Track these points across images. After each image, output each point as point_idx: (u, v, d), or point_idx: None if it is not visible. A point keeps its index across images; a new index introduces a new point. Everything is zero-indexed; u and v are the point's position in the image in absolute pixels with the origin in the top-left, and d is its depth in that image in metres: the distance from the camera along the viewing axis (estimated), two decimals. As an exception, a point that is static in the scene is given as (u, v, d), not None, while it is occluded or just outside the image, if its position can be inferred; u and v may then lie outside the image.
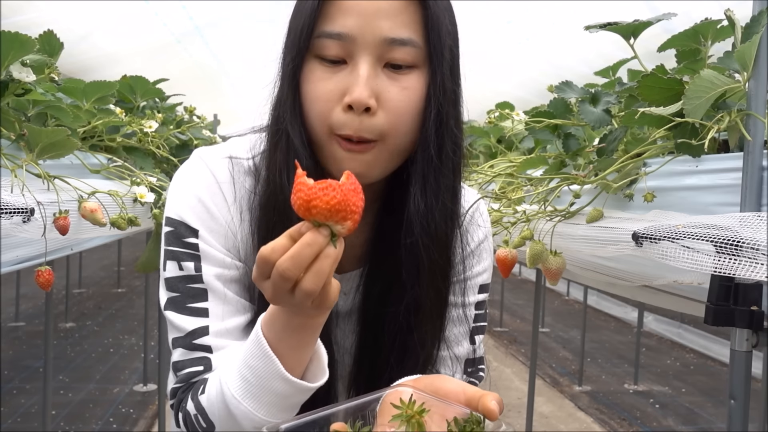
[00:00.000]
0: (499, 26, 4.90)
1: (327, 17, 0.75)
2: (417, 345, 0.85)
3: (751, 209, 0.99)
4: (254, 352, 0.72)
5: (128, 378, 4.61)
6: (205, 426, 0.77)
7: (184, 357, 0.80)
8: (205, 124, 3.10)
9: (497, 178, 1.79)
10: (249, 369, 0.72)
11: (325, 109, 0.76)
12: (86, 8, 3.97)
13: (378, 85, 0.75)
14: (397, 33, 0.74)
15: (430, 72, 0.77)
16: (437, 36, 0.77)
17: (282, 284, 0.62)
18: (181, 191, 0.83)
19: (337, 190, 0.58)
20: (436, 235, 0.81)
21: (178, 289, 0.81)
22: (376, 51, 0.74)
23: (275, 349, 0.70)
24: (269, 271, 0.63)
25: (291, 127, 0.77)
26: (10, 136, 1.40)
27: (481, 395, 0.61)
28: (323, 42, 0.75)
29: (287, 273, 0.61)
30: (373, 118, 0.75)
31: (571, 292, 8.60)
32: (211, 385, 0.77)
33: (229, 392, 0.73)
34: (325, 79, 0.76)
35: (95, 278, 8.72)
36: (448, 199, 0.82)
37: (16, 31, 1.29)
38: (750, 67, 1.01)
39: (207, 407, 0.76)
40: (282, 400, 0.73)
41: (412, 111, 0.77)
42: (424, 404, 0.59)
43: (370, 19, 0.74)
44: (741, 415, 1.01)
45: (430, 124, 0.78)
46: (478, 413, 0.60)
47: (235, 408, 0.73)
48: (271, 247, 0.62)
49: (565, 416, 4.30)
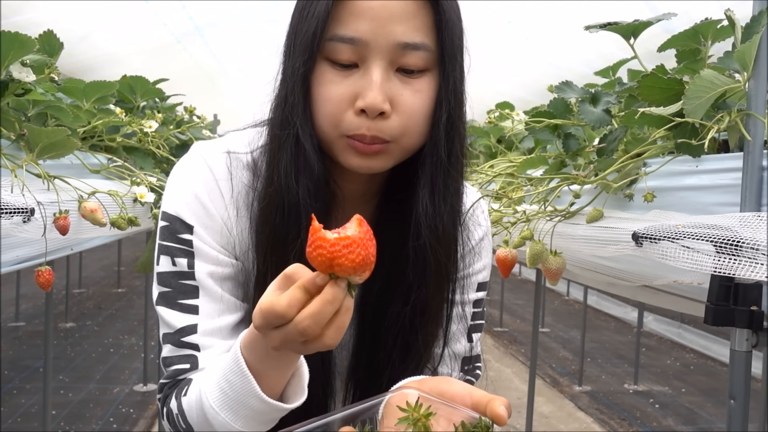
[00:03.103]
0: (499, 26, 4.90)
1: (339, 20, 0.74)
2: (420, 344, 0.85)
3: (751, 209, 0.99)
4: (233, 369, 0.72)
5: (128, 378, 4.61)
6: (185, 427, 0.78)
7: (172, 353, 0.81)
8: (205, 124, 3.10)
9: (497, 178, 1.79)
10: (227, 383, 0.72)
11: (336, 111, 0.75)
12: (86, 8, 3.97)
13: (391, 89, 0.74)
14: (410, 37, 0.74)
15: (442, 75, 0.77)
16: (450, 39, 0.77)
17: (298, 339, 0.61)
18: (178, 186, 0.83)
19: (361, 247, 0.57)
20: (444, 237, 0.81)
21: (170, 285, 0.81)
22: (389, 55, 0.74)
23: (253, 369, 0.70)
24: (281, 323, 0.61)
25: (302, 130, 0.76)
26: (10, 136, 1.40)
27: (488, 399, 0.60)
28: (335, 45, 0.74)
29: (308, 331, 0.60)
30: (387, 121, 0.75)
31: (571, 292, 8.60)
32: (192, 391, 0.77)
33: (208, 402, 0.74)
34: (336, 82, 0.75)
35: (95, 278, 8.72)
36: (455, 202, 0.83)
37: (16, 31, 1.29)
38: (750, 67, 1.01)
39: (187, 411, 0.77)
40: (258, 416, 0.73)
41: (424, 114, 0.77)
42: (431, 407, 0.59)
43: (383, 23, 0.73)
44: (741, 415, 1.01)
45: (441, 128, 0.78)
46: (486, 418, 0.59)
47: (213, 418, 0.73)
48: (286, 302, 0.60)
49: (565, 416, 4.30)
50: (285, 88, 0.79)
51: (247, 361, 0.70)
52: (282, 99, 0.79)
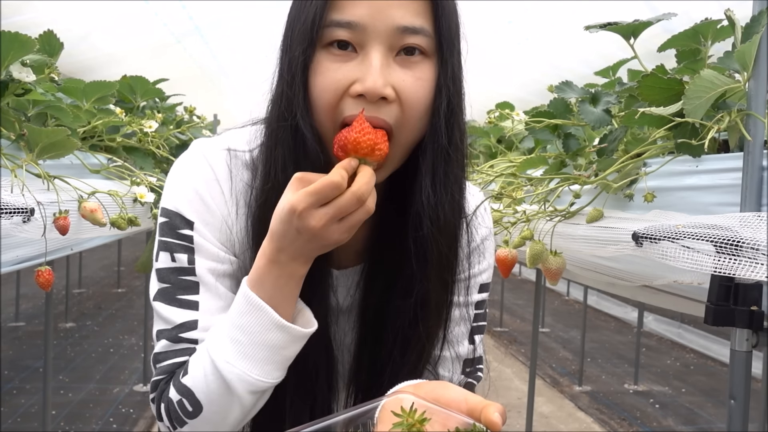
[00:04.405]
0: (499, 26, 4.90)
1: (336, 8, 0.74)
2: (420, 339, 0.84)
3: (751, 209, 0.99)
4: (244, 310, 0.74)
5: (128, 378, 4.61)
6: (191, 409, 0.76)
7: (167, 349, 0.80)
8: (205, 124, 3.10)
9: (497, 178, 1.79)
10: (239, 329, 0.74)
11: (333, 98, 0.74)
12: (86, 8, 3.97)
13: (392, 75, 0.74)
14: (408, 21, 0.73)
15: (441, 62, 0.77)
16: (448, 25, 0.76)
17: (350, 208, 0.70)
18: (179, 183, 0.83)
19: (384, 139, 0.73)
20: (445, 226, 0.81)
21: (169, 281, 0.80)
22: (388, 40, 0.73)
23: (267, 302, 0.74)
24: (333, 196, 0.69)
25: (302, 120, 0.76)
26: (10, 136, 1.40)
27: (483, 406, 0.60)
28: (332, 31, 0.74)
29: (363, 196, 0.70)
30: (388, 106, 0.74)
31: (571, 292, 8.60)
32: (195, 363, 0.77)
33: (221, 358, 0.74)
34: (334, 69, 0.74)
35: (95, 278, 8.72)
36: (456, 191, 0.82)
37: (16, 31, 1.29)
38: (750, 67, 1.01)
39: (193, 386, 0.76)
40: (275, 354, 0.74)
41: (426, 101, 0.76)
42: (425, 413, 0.59)
43: (381, 8, 0.73)
44: (741, 415, 1.01)
45: (441, 115, 0.77)
46: (480, 425, 0.59)
47: (229, 372, 0.73)
48: (338, 174, 0.69)
49: (565, 416, 4.30)
50: (283, 83, 0.78)
51: (259, 297, 0.74)
52: (279, 94, 0.79)
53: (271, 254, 0.74)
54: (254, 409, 0.78)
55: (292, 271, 0.74)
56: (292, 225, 0.71)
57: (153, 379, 0.81)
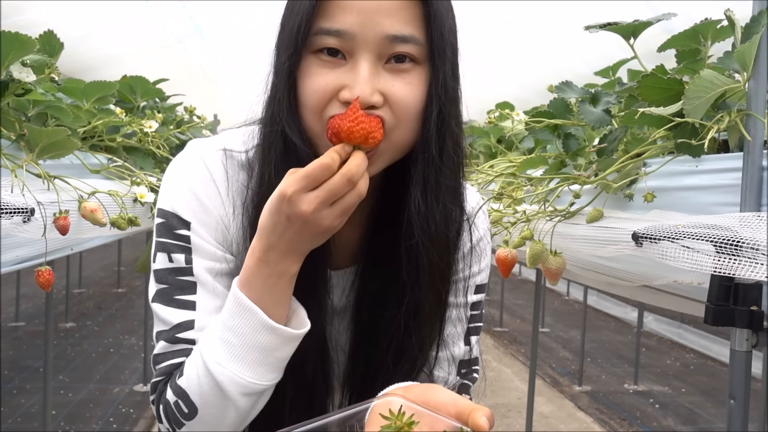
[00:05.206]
0: (499, 26, 4.89)
1: (325, 15, 0.73)
2: (414, 348, 0.84)
3: (751, 209, 0.99)
4: (234, 311, 0.73)
5: (128, 378, 4.61)
6: (187, 411, 0.76)
7: (166, 350, 0.80)
8: (205, 124, 3.10)
9: (497, 178, 1.79)
10: (230, 331, 0.73)
11: (321, 101, 0.73)
12: (86, 8, 3.97)
13: (380, 82, 0.73)
14: (398, 30, 0.73)
15: (432, 70, 0.76)
16: (439, 33, 0.75)
17: (341, 190, 0.69)
18: (175, 183, 0.83)
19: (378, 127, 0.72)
20: (437, 237, 0.80)
21: (167, 281, 0.80)
22: (376, 48, 0.73)
23: (256, 303, 0.73)
24: (324, 179, 0.69)
25: (288, 126, 0.75)
26: (10, 136, 1.40)
27: (471, 410, 0.59)
28: (321, 38, 0.73)
29: (355, 177, 0.69)
30: (379, 111, 0.73)
31: (571, 292, 8.60)
32: (189, 364, 0.76)
33: (212, 359, 0.73)
34: (323, 74, 0.74)
35: (95, 278, 8.72)
36: (448, 201, 0.81)
37: (16, 31, 1.29)
38: (750, 67, 1.01)
39: (187, 387, 0.76)
40: (267, 356, 0.74)
41: (416, 107, 0.75)
42: (413, 416, 0.59)
43: (370, 16, 0.72)
44: (741, 415, 1.01)
45: (432, 124, 0.76)
46: (467, 429, 0.59)
47: (221, 374, 0.73)
48: (328, 156, 0.69)
49: (565, 416, 4.30)
50: (275, 86, 0.78)
51: (249, 298, 0.73)
52: (271, 97, 0.79)
53: (261, 253, 0.74)
54: (254, 410, 0.78)
55: (282, 270, 0.74)
56: (282, 213, 0.70)
57: (152, 381, 0.81)
